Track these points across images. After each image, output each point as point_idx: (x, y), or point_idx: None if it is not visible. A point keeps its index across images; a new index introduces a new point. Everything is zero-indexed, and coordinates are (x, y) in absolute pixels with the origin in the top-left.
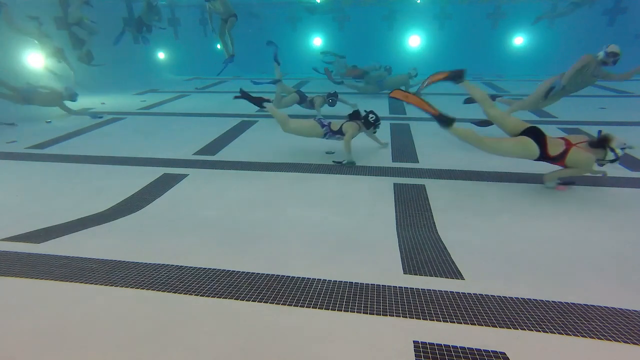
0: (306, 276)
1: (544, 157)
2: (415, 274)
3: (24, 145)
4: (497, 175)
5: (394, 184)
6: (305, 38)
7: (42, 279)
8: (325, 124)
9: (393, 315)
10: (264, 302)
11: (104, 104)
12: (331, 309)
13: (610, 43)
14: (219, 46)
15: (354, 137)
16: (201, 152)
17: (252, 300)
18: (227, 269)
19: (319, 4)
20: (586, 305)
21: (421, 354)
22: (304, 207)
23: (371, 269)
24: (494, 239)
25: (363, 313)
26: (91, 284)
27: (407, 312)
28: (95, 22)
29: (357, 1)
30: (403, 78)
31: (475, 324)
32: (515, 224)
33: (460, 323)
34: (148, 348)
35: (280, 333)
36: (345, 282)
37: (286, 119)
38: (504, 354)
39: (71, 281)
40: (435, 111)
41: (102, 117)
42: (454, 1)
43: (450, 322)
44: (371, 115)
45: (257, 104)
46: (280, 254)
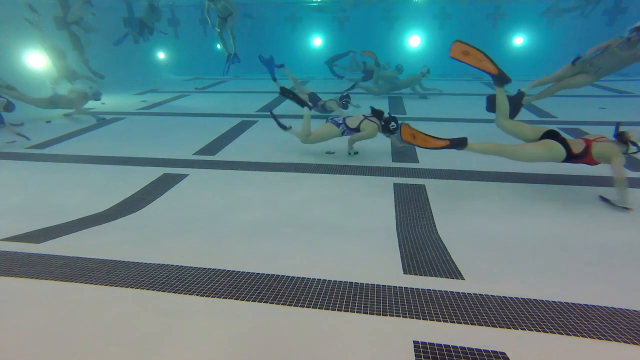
0: (306, 276)
1: (569, 157)
2: (415, 274)
3: (24, 145)
4: (497, 175)
5: (394, 184)
6: (305, 38)
7: (42, 279)
8: (339, 122)
9: (393, 315)
10: (264, 302)
11: (104, 104)
12: (331, 309)
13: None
14: (219, 46)
15: (366, 139)
16: (201, 152)
17: (252, 300)
18: (227, 269)
19: (327, 3)
20: (586, 305)
21: (421, 354)
22: (304, 207)
23: (371, 269)
24: (494, 239)
25: (363, 313)
26: (91, 284)
27: (407, 312)
28: (94, 14)
29: (362, 1)
30: (416, 77)
31: (475, 324)
32: (516, 223)
33: (460, 323)
34: (148, 348)
35: (280, 333)
36: (345, 282)
37: (305, 135)
38: (504, 354)
39: (71, 281)
40: (445, 142)
41: (105, 119)
42: (454, 1)
43: (450, 322)
44: (393, 123)
45: (282, 128)
46: (280, 254)
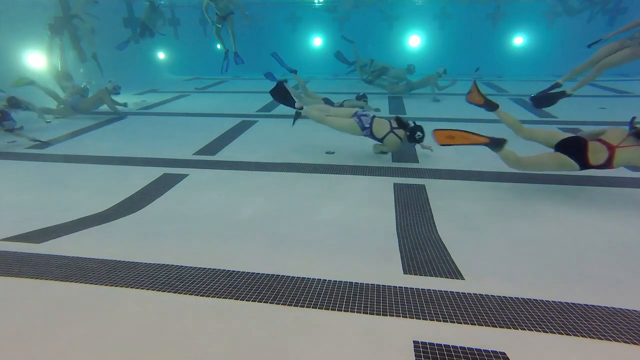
0: (306, 276)
1: (587, 167)
2: (415, 274)
3: (24, 145)
4: (497, 175)
5: (394, 184)
6: (306, 38)
7: (42, 279)
8: (366, 126)
9: (393, 315)
10: (264, 302)
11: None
12: (331, 309)
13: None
14: (219, 46)
15: (390, 152)
16: (201, 152)
17: (252, 300)
18: (227, 269)
19: (339, 3)
20: (586, 305)
21: (421, 354)
22: (304, 207)
23: (371, 269)
24: (494, 238)
25: (363, 313)
26: (91, 284)
27: (407, 312)
28: (97, 2)
29: (372, 1)
30: (432, 77)
31: (475, 324)
32: (516, 223)
33: (460, 323)
34: (148, 348)
35: (280, 333)
36: (345, 282)
37: (323, 118)
38: (504, 354)
39: (71, 281)
40: (485, 139)
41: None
42: (454, 1)
43: (450, 322)
44: (418, 133)
45: (292, 106)
46: (280, 254)
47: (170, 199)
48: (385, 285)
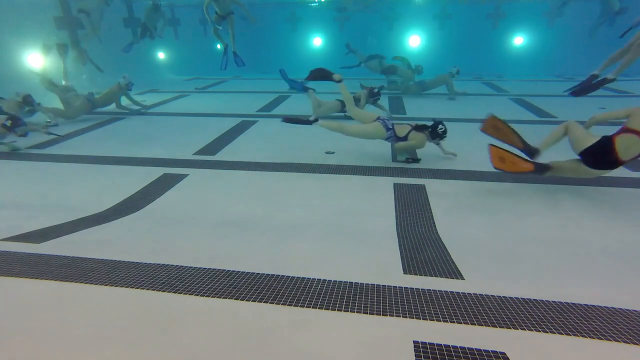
0: (306, 276)
1: (619, 165)
2: (415, 274)
3: (24, 145)
4: (497, 175)
5: (394, 184)
6: (305, 38)
7: (42, 279)
8: (390, 127)
9: (393, 315)
10: (264, 302)
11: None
12: (331, 309)
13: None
14: (219, 46)
15: (415, 148)
16: (201, 152)
17: (252, 300)
18: (227, 269)
19: (350, 2)
20: (586, 305)
21: (421, 354)
22: (304, 207)
23: (371, 269)
24: (494, 238)
25: (363, 313)
26: (91, 284)
27: (407, 312)
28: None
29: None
30: (444, 77)
31: (475, 324)
32: (516, 223)
33: (460, 323)
34: (148, 348)
35: (280, 333)
36: (345, 282)
37: (342, 127)
38: (504, 354)
39: (71, 281)
40: (530, 166)
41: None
42: (454, 1)
43: (450, 322)
44: (440, 126)
45: (306, 123)
46: (280, 254)
47: (170, 199)
48: (385, 285)
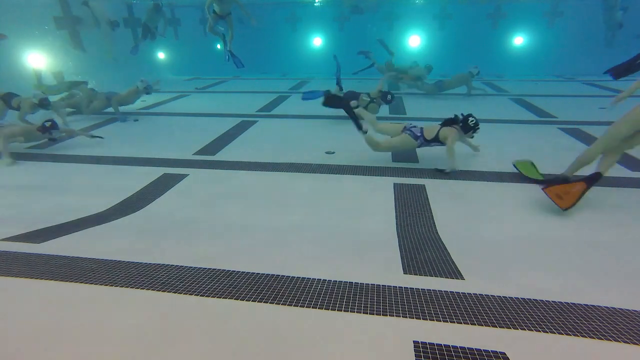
0: (306, 276)
1: None
2: (415, 274)
3: (24, 145)
4: (497, 175)
5: (394, 184)
6: (305, 38)
7: (42, 279)
8: (418, 134)
9: (393, 315)
10: (264, 302)
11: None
12: (331, 309)
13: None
14: (219, 46)
15: (457, 141)
16: (201, 152)
17: (252, 300)
18: (227, 269)
19: (367, 4)
20: (586, 305)
21: (421, 354)
22: (304, 207)
23: (371, 269)
24: (494, 239)
25: (363, 313)
26: (91, 284)
27: (407, 312)
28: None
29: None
30: (463, 77)
31: (475, 324)
32: (516, 223)
33: (460, 323)
34: (148, 348)
35: (280, 333)
36: (345, 282)
37: (377, 143)
38: (504, 354)
39: (71, 281)
40: (583, 185)
41: (137, 120)
42: (454, 1)
43: (450, 322)
44: (471, 118)
45: (358, 127)
46: (280, 254)
47: (170, 199)
48: (385, 285)
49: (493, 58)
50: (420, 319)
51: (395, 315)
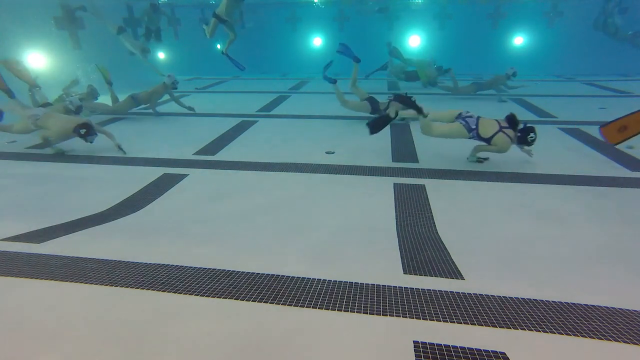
0: (306, 276)
1: None
2: (415, 274)
3: (24, 145)
4: (497, 175)
5: (394, 184)
6: (305, 38)
7: (42, 279)
8: (472, 127)
9: (393, 315)
10: (264, 302)
11: None
12: (331, 309)
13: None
14: (218, 46)
15: (494, 152)
16: (201, 152)
17: (252, 300)
18: (227, 269)
19: (391, 3)
20: (586, 305)
21: (421, 354)
22: (304, 207)
23: (371, 269)
24: (494, 239)
25: (363, 313)
26: (91, 284)
27: (407, 312)
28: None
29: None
30: (500, 78)
31: (475, 324)
32: (516, 223)
33: (460, 323)
34: (148, 348)
35: (280, 333)
36: (345, 282)
37: (431, 126)
38: (504, 354)
39: (71, 281)
40: None
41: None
42: (454, 1)
43: (450, 322)
44: (532, 135)
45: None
46: (280, 254)
47: (170, 199)
48: (385, 285)
49: (493, 58)
50: (420, 319)
51: (395, 315)
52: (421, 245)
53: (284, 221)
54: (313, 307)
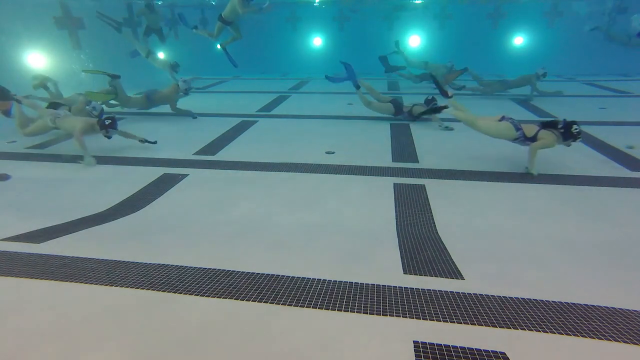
0: (306, 276)
1: None
2: (415, 274)
3: (24, 145)
4: (497, 175)
5: (394, 184)
6: (305, 38)
7: (42, 279)
8: (519, 127)
9: (393, 315)
10: (264, 302)
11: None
12: (331, 309)
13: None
14: (219, 46)
15: (545, 148)
16: (201, 152)
17: (252, 300)
18: (227, 269)
19: (410, 1)
20: (586, 305)
21: (421, 354)
22: (304, 207)
23: (371, 269)
24: (494, 238)
25: (363, 313)
26: (91, 284)
27: (407, 312)
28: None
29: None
30: (530, 78)
31: (475, 324)
32: (516, 223)
33: (460, 323)
34: (148, 348)
35: (280, 333)
36: (345, 282)
37: (473, 119)
38: (504, 354)
39: (71, 281)
40: None
41: (196, 117)
42: (454, 1)
43: (450, 322)
44: (575, 127)
45: (444, 94)
46: (280, 254)
47: (170, 199)
48: (385, 285)
49: (493, 58)
50: (420, 319)
51: (395, 315)
52: (421, 245)
53: (284, 221)
54: (313, 307)
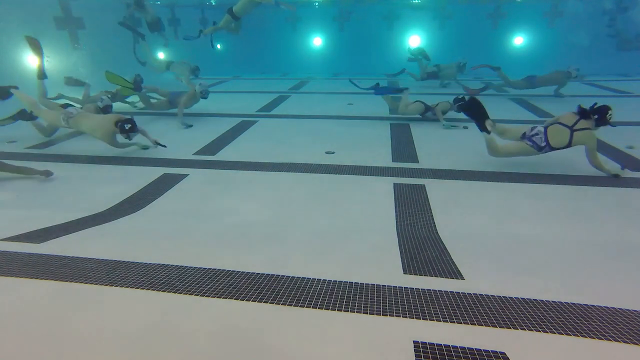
0: (306, 276)
1: None
2: (415, 274)
3: (24, 145)
4: (497, 175)
5: (394, 184)
6: (305, 38)
7: (42, 279)
8: (542, 145)
9: (393, 315)
10: (264, 302)
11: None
12: (331, 309)
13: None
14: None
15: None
16: (201, 152)
17: (252, 300)
18: (227, 269)
19: (422, 2)
20: (586, 305)
21: (421, 354)
22: (304, 207)
23: (371, 269)
24: (494, 238)
25: (363, 313)
26: (91, 284)
27: (407, 312)
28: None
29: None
30: (560, 76)
31: (475, 324)
32: (516, 223)
33: (460, 323)
34: (148, 348)
35: (280, 333)
36: (345, 282)
37: (496, 146)
38: (504, 354)
39: (71, 281)
40: None
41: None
42: (454, 1)
43: (450, 322)
44: (610, 112)
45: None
46: (280, 254)
47: (170, 199)
48: (385, 285)
49: (493, 58)
50: (420, 319)
51: (395, 315)
52: (421, 245)
53: (284, 221)
54: (313, 307)
